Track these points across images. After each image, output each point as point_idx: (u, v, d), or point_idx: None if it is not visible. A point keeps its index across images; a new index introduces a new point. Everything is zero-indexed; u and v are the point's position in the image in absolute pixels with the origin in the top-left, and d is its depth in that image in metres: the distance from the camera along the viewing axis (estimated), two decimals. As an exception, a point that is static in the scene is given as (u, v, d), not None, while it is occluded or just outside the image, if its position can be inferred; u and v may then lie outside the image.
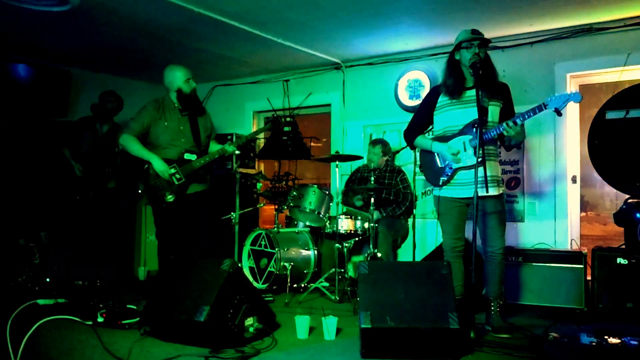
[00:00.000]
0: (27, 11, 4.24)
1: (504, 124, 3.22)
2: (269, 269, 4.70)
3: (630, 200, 3.96)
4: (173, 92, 4.08)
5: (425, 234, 5.30)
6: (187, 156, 4.01)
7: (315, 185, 4.79)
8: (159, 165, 3.92)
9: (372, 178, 4.50)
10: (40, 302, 3.81)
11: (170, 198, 3.95)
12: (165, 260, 4.04)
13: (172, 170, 3.94)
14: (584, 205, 5.19)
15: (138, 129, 3.99)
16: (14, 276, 4.95)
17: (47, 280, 4.94)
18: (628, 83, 4.39)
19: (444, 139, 3.49)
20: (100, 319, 3.40)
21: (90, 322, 3.35)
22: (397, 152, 5.21)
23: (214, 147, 4.25)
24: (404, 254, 5.22)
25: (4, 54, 5.42)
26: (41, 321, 2.80)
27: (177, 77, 4.05)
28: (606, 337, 2.81)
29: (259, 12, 4.39)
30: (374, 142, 5.17)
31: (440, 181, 3.51)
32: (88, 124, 5.25)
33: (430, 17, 4.46)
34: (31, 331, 2.65)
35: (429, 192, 5.31)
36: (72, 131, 5.31)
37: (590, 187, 5.21)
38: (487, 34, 3.39)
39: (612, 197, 5.14)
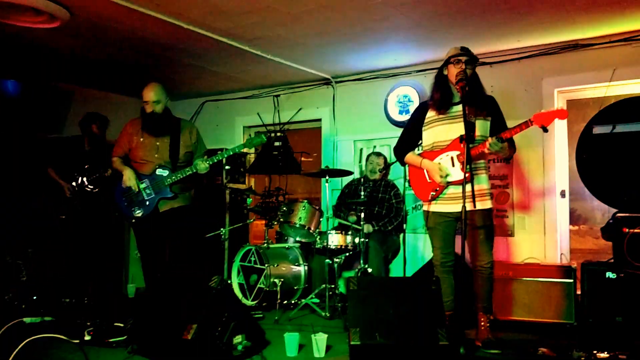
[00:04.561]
0: (17, 28, 4.24)
1: (490, 140, 3.25)
2: (258, 285, 4.67)
3: (618, 215, 3.97)
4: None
5: (416, 249, 5.29)
6: (159, 172, 4.03)
7: (306, 201, 4.76)
8: (127, 174, 4.02)
9: (363, 193, 4.52)
10: (27, 320, 3.78)
11: (138, 213, 4.00)
12: (151, 277, 4.01)
13: (143, 185, 4.01)
14: (576, 219, 5.20)
15: (119, 151, 4.18)
16: (0, 294, 4.89)
17: (34, 297, 4.89)
18: (614, 98, 4.43)
19: (432, 154, 3.52)
20: (87, 337, 3.37)
21: (78, 341, 3.30)
22: (392, 164, 5.19)
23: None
24: (395, 269, 5.21)
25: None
26: (27, 340, 2.76)
27: (142, 97, 4.09)
28: (595, 352, 2.82)
29: (248, 29, 4.41)
30: (377, 154, 5.19)
31: (430, 196, 3.52)
32: (77, 143, 5.18)
33: (418, 34, 4.50)
34: (17, 350, 2.61)
35: (419, 206, 5.32)
36: (59, 150, 5.25)
37: (582, 200, 5.22)
38: (475, 50, 3.43)
39: (603, 210, 5.14)
